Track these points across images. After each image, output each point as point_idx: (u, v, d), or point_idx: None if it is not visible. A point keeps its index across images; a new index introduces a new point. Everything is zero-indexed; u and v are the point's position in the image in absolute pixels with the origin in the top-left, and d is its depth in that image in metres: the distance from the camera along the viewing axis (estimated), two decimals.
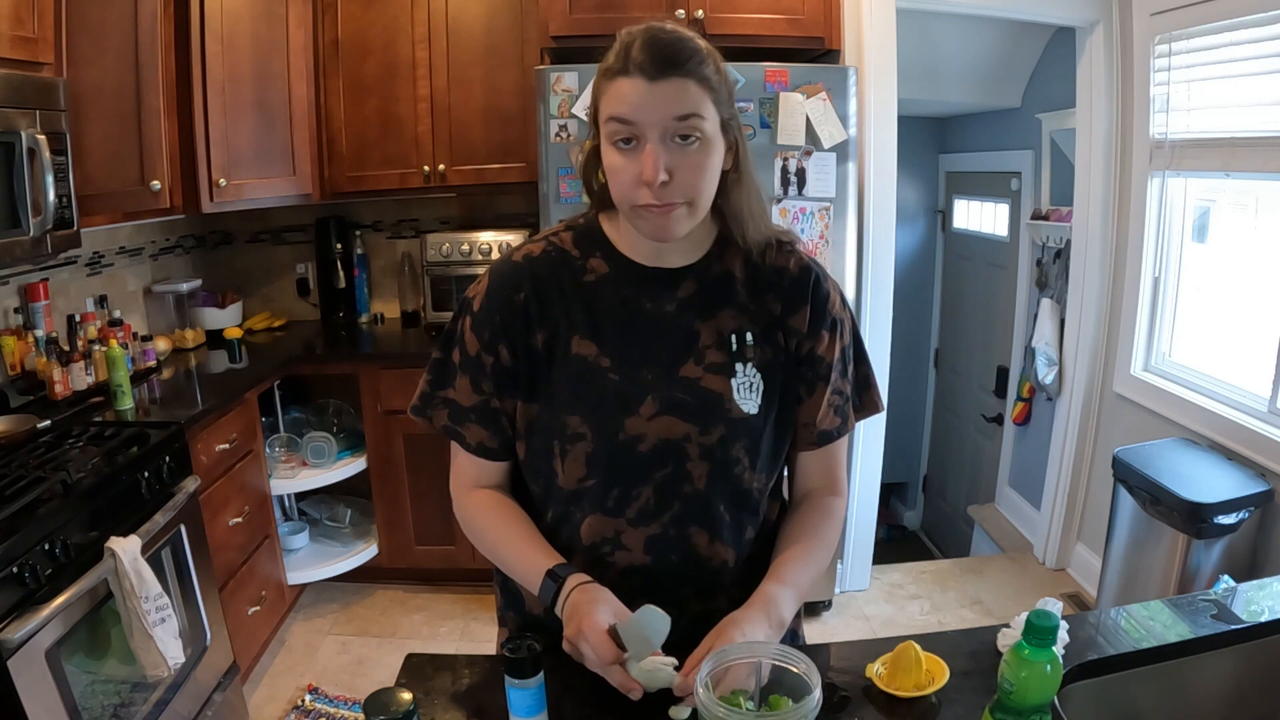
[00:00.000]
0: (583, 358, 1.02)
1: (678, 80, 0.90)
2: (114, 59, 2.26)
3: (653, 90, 0.89)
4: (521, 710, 0.90)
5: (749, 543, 1.08)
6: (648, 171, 0.91)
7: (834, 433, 1.08)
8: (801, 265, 1.06)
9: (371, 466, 3.00)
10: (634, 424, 1.00)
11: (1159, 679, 1.06)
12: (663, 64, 0.89)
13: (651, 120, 0.90)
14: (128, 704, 1.81)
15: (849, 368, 1.10)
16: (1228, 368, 2.55)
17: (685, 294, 1.03)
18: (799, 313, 1.05)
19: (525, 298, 1.02)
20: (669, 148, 0.91)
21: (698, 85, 0.91)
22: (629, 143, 0.92)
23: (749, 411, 1.02)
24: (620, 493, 1.02)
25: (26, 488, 1.65)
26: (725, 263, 1.04)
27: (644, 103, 0.90)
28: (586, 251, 1.05)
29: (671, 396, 1.01)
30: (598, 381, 1.01)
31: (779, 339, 1.04)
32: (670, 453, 1.01)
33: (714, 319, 1.03)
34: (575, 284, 1.03)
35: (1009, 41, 3.43)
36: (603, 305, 1.03)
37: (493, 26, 2.93)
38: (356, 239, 3.40)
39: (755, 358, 1.03)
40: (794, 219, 2.56)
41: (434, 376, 1.08)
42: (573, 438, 1.02)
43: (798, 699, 0.85)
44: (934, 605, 3.04)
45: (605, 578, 1.03)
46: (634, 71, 0.90)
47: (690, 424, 1.01)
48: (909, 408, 4.73)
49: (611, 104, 0.92)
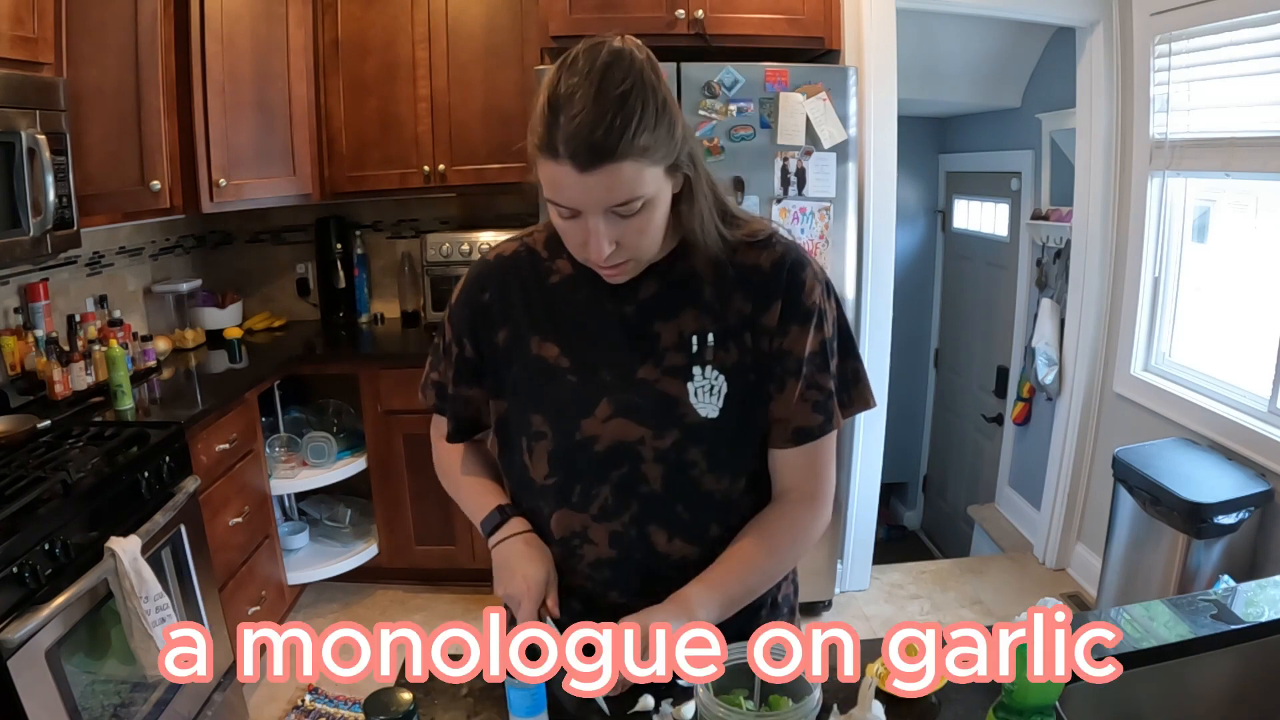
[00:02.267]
0: (543, 359, 1.03)
1: (610, 167, 0.84)
2: (114, 59, 2.26)
3: (585, 181, 0.85)
4: (521, 710, 0.91)
5: (715, 538, 1.04)
6: (595, 253, 0.90)
7: (814, 430, 1.02)
8: (774, 259, 1.00)
9: (371, 466, 3.00)
10: (589, 425, 1.01)
11: (1159, 679, 1.06)
12: (592, 155, 0.83)
13: (590, 206, 0.88)
14: (128, 704, 1.82)
15: (833, 361, 1.03)
16: (1228, 368, 2.55)
17: (646, 294, 1.01)
18: (770, 310, 1.00)
19: (490, 298, 1.06)
20: (611, 220, 0.89)
21: (633, 164, 0.85)
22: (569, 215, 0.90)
23: (707, 415, 0.99)
24: (582, 490, 1.03)
25: (26, 488, 1.65)
26: (691, 261, 1.01)
27: (578, 193, 0.87)
28: (554, 252, 1.05)
29: (626, 399, 1.00)
30: (557, 382, 1.02)
31: (747, 340, 1.00)
32: (624, 455, 1.01)
33: (675, 320, 1.00)
34: (539, 285, 1.05)
35: (1009, 41, 3.43)
36: (565, 306, 1.03)
37: (493, 26, 2.93)
38: (356, 239, 3.40)
39: (717, 360, 1.00)
40: (794, 219, 2.56)
41: (432, 358, 1.17)
42: (536, 435, 1.04)
43: (798, 699, 0.85)
44: (934, 605, 3.04)
45: (577, 569, 1.06)
46: (562, 158, 0.84)
47: (644, 427, 1.00)
48: (909, 408, 4.72)
49: (546, 184, 0.89)
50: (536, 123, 0.86)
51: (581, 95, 0.83)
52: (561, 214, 0.91)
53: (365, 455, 3.00)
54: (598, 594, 1.06)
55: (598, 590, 1.06)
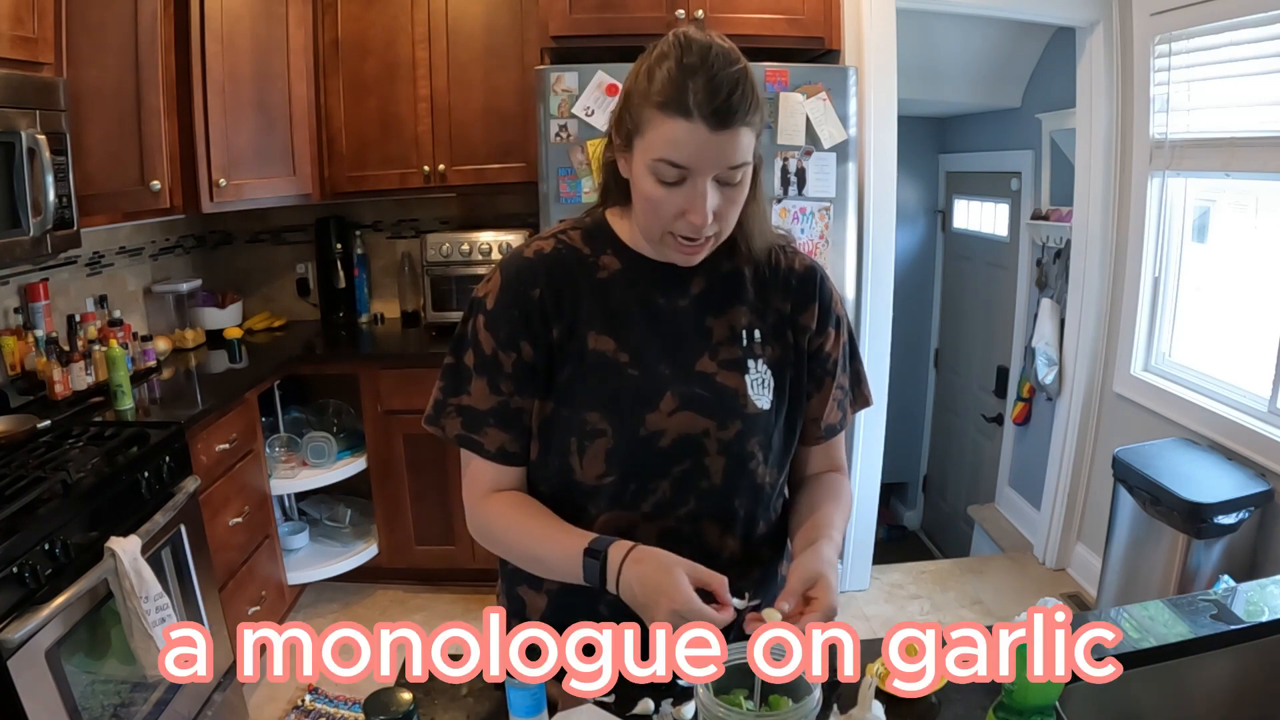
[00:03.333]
0: (601, 353, 1.00)
1: (737, 130, 0.89)
2: (114, 59, 2.26)
3: (712, 140, 0.88)
4: (521, 710, 0.91)
5: (757, 536, 1.09)
6: (699, 216, 0.91)
7: (838, 426, 1.12)
8: (806, 265, 1.09)
9: (371, 466, 3.00)
10: (655, 419, 1.00)
11: (1159, 679, 1.06)
12: (727, 115, 0.88)
13: (706, 167, 0.90)
14: (128, 704, 1.82)
15: (848, 363, 1.13)
16: (1228, 368, 2.55)
17: (697, 290, 1.04)
18: (808, 310, 1.07)
19: (541, 293, 1.00)
20: (714, 188, 0.92)
21: (749, 132, 0.91)
22: (675, 180, 0.91)
23: (762, 407, 1.03)
24: (637, 487, 1.02)
25: (26, 488, 1.65)
26: (735, 261, 1.05)
27: (703, 152, 0.89)
28: (597, 249, 1.04)
29: (690, 392, 1.01)
30: (617, 377, 1.00)
31: (788, 337, 1.06)
32: (689, 448, 1.01)
33: (725, 315, 1.04)
34: (589, 280, 1.02)
35: (1009, 41, 3.43)
36: (617, 301, 1.02)
37: (493, 26, 2.93)
38: (356, 239, 3.40)
39: (765, 354, 1.04)
40: (794, 219, 2.56)
41: (446, 383, 1.04)
42: (592, 434, 1.00)
43: (798, 699, 0.85)
44: (934, 605, 3.04)
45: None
46: (696, 118, 0.87)
47: (709, 419, 1.01)
48: (909, 408, 4.72)
49: (663, 144, 0.90)
50: (662, 84, 0.89)
51: (711, 65, 0.88)
52: (667, 177, 0.91)
53: (365, 455, 3.00)
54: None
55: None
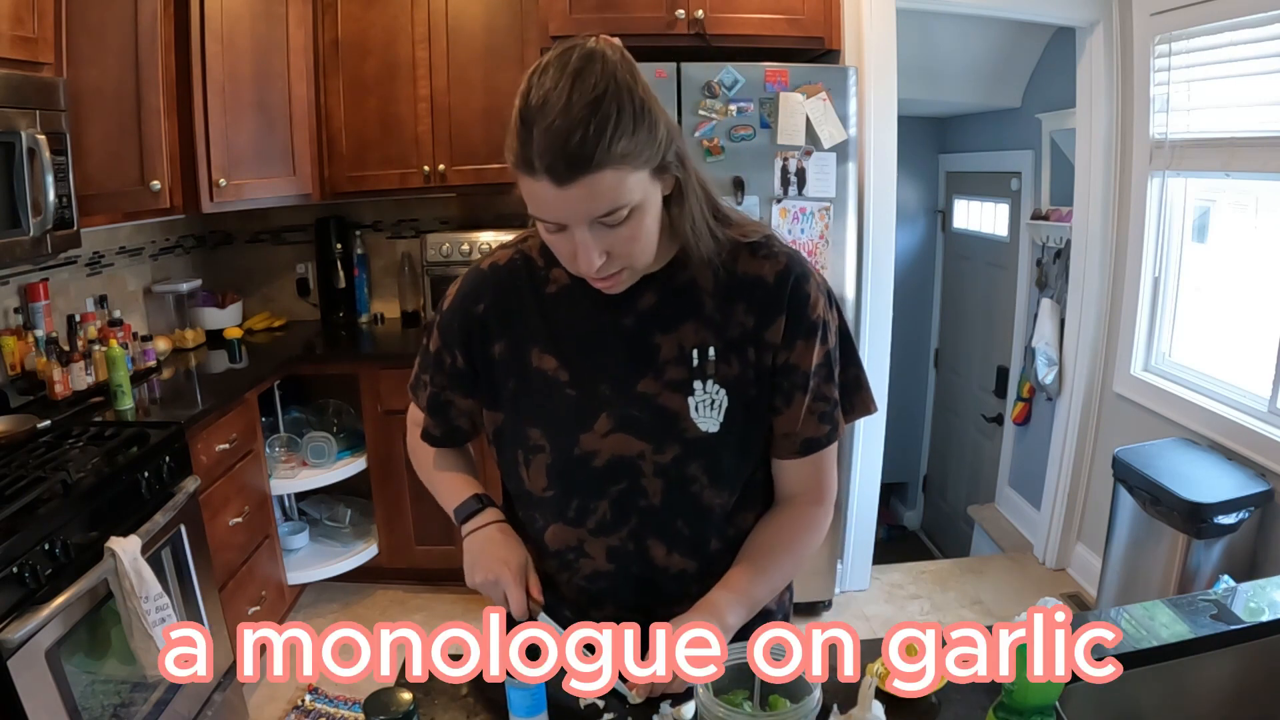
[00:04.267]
0: (543, 371, 1.00)
1: (589, 178, 0.80)
2: (114, 59, 2.26)
3: (565, 194, 0.82)
4: (521, 710, 0.91)
5: (714, 552, 1.05)
6: (585, 264, 0.87)
7: (821, 440, 1.02)
8: (778, 270, 0.98)
9: (371, 466, 3.00)
10: (588, 440, 0.99)
11: (1159, 679, 1.06)
12: (569, 168, 0.80)
13: (573, 219, 0.85)
14: (128, 704, 1.82)
15: (836, 370, 1.02)
16: (1228, 368, 2.55)
17: (645, 306, 0.98)
18: (774, 324, 0.97)
19: (485, 309, 1.03)
20: (598, 231, 0.86)
21: (614, 171, 0.81)
22: (555, 230, 0.88)
23: (707, 430, 0.97)
24: (579, 504, 1.02)
25: (26, 488, 1.65)
26: (691, 271, 0.98)
27: (559, 207, 0.84)
28: (551, 260, 1.01)
29: (626, 414, 0.98)
30: (555, 396, 1.00)
31: (749, 354, 0.98)
32: (624, 469, 0.99)
33: (675, 332, 0.98)
34: (536, 295, 1.01)
35: (1009, 41, 3.43)
36: (563, 317, 1.00)
37: (493, 26, 2.93)
38: (356, 239, 3.40)
39: (717, 374, 0.97)
40: (794, 219, 2.56)
41: (420, 359, 1.13)
42: (534, 449, 1.02)
43: (798, 699, 0.85)
44: (934, 605, 3.04)
45: (572, 582, 1.06)
46: (540, 174, 0.81)
47: (644, 442, 0.98)
48: (909, 408, 4.72)
49: (527, 199, 0.86)
50: (511, 139, 0.83)
51: (552, 105, 0.80)
52: (548, 229, 0.88)
53: (365, 455, 3.00)
54: (593, 606, 1.06)
55: (593, 602, 1.06)
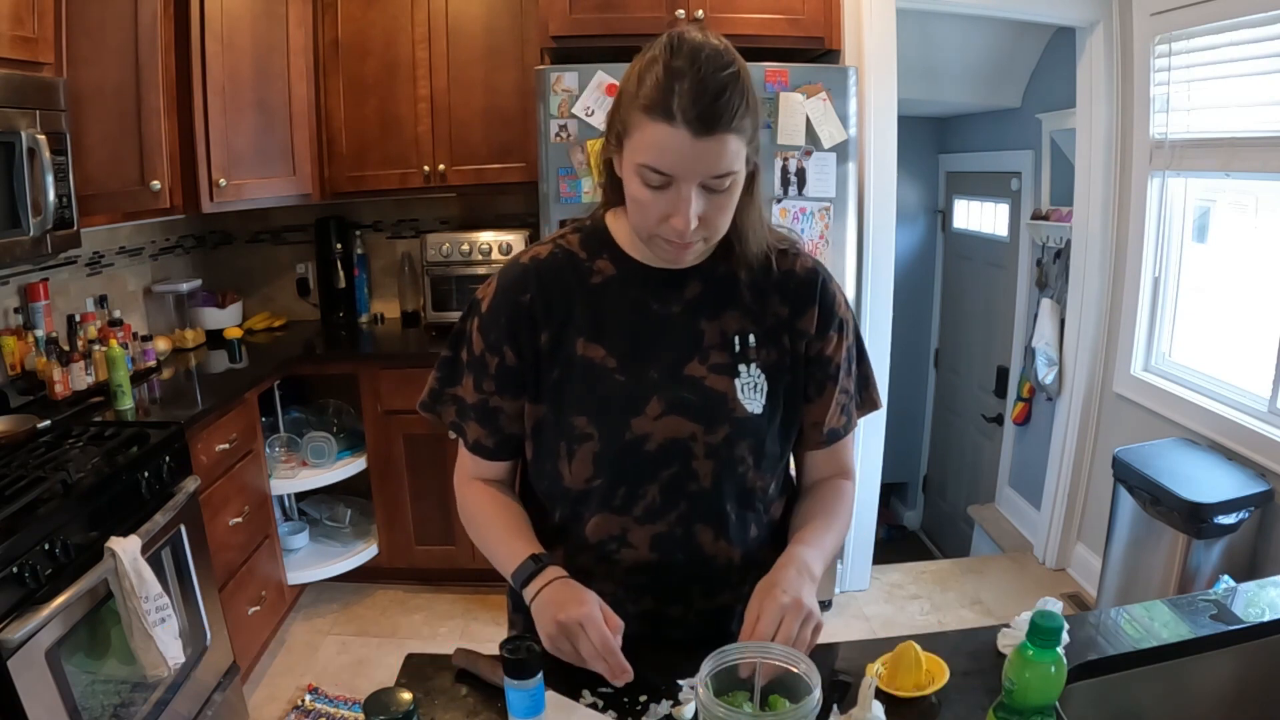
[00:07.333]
0: (589, 359, 1.02)
1: (721, 137, 0.87)
2: (114, 59, 2.26)
3: (695, 147, 0.86)
4: (521, 710, 0.90)
5: (753, 540, 1.09)
6: (681, 221, 0.90)
7: (841, 431, 1.11)
8: (807, 268, 1.07)
9: (371, 466, 2.99)
10: (640, 424, 1.01)
11: (1159, 679, 1.06)
12: (710, 121, 0.86)
13: (690, 174, 0.89)
14: (128, 704, 1.81)
15: (853, 366, 1.11)
16: (1228, 368, 2.55)
17: (691, 294, 1.03)
18: (807, 314, 1.05)
19: (531, 299, 1.03)
20: (700, 193, 0.90)
21: (738, 139, 0.89)
22: (659, 185, 0.90)
23: (753, 411, 1.02)
24: (627, 491, 1.03)
25: (26, 488, 1.65)
26: (730, 264, 1.04)
27: (685, 159, 0.87)
28: (593, 253, 1.05)
29: (677, 396, 1.01)
30: (604, 383, 1.02)
31: (785, 342, 1.05)
32: (676, 452, 1.02)
33: (718, 319, 1.03)
34: (582, 286, 1.04)
35: (1009, 41, 3.43)
36: (609, 306, 1.03)
37: (493, 26, 2.93)
38: (356, 239, 3.39)
39: (759, 359, 1.03)
40: (794, 219, 2.56)
41: (443, 374, 1.10)
42: (580, 438, 1.03)
43: (797, 699, 0.85)
44: (934, 605, 3.04)
45: (612, 574, 1.05)
46: (679, 123, 0.85)
47: (695, 423, 1.01)
48: (909, 408, 4.72)
49: (646, 149, 0.89)
50: (649, 88, 0.87)
51: (700, 69, 0.86)
52: (651, 182, 0.90)
53: (365, 455, 3.00)
54: (629, 599, 1.06)
55: (630, 596, 1.06)
